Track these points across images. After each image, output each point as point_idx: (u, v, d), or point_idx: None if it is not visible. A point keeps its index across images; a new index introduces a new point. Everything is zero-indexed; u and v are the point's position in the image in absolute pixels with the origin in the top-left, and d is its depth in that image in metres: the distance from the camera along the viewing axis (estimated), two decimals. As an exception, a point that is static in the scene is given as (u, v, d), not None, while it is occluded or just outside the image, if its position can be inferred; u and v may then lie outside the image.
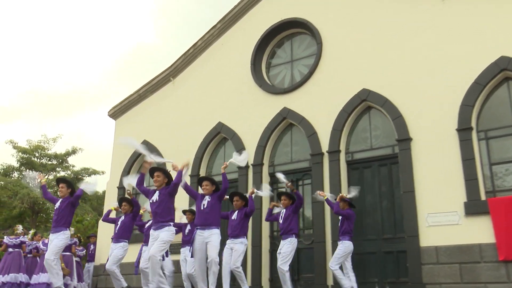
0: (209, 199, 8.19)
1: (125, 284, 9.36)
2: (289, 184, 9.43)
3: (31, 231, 13.72)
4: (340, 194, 9.79)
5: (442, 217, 9.33)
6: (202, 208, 8.16)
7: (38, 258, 12.65)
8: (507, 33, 9.52)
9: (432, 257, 9.27)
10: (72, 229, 14.43)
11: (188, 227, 10.62)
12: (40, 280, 11.61)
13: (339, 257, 9.38)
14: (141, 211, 10.49)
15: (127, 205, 9.97)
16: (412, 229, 9.57)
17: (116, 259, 9.34)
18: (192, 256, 8.20)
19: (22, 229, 13.26)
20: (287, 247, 9.08)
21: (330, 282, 10.20)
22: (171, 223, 7.48)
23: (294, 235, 9.18)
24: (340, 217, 9.76)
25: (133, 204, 9.94)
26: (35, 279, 11.70)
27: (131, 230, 9.81)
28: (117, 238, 9.54)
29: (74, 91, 64.10)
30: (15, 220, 28.20)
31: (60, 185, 9.12)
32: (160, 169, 7.95)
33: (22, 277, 12.00)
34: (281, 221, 9.43)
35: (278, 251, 9.21)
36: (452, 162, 9.47)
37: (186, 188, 8.37)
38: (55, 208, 8.91)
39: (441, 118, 9.82)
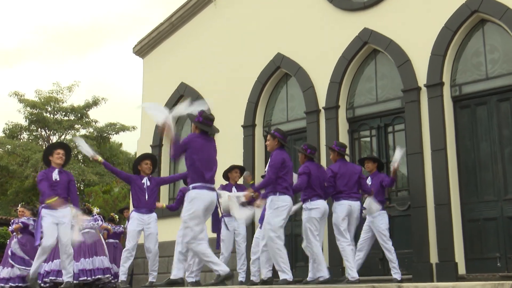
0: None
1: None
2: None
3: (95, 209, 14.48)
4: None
5: None
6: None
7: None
8: None
9: None
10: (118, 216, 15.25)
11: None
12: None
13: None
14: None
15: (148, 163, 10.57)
16: (546, 186, 9.38)
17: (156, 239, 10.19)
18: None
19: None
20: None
21: (434, 259, 10.24)
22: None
23: None
24: (382, 183, 10.26)
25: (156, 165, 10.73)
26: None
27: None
28: (150, 209, 10.22)
29: (89, 24, 65.31)
30: (29, 194, 29.56)
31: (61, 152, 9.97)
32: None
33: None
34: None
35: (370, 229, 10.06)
36: None
37: None
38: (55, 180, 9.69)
39: None
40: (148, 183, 10.22)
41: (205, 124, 8.08)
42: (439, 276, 10.04)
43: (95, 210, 14.09)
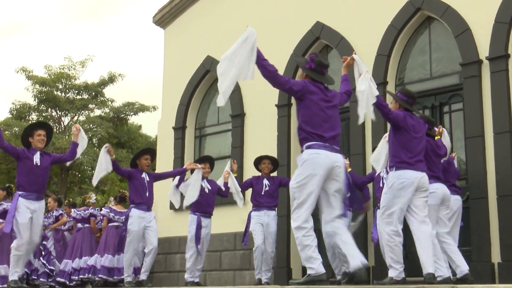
0: None
1: None
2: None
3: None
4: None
5: None
6: None
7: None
8: None
9: None
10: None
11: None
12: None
13: None
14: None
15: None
16: None
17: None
18: None
19: (96, 199, 14.69)
20: None
21: (496, 258, 10.19)
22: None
23: None
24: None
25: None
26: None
27: None
28: (149, 206, 10.87)
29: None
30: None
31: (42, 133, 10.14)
32: None
33: (93, 260, 13.17)
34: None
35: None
36: None
37: None
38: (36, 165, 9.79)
39: None
40: (148, 179, 10.82)
41: (318, 73, 7.39)
42: (501, 277, 9.98)
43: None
